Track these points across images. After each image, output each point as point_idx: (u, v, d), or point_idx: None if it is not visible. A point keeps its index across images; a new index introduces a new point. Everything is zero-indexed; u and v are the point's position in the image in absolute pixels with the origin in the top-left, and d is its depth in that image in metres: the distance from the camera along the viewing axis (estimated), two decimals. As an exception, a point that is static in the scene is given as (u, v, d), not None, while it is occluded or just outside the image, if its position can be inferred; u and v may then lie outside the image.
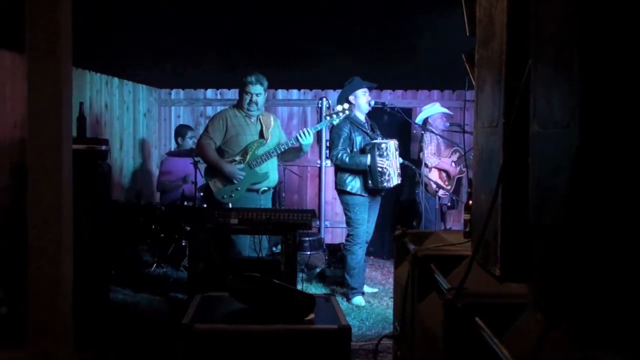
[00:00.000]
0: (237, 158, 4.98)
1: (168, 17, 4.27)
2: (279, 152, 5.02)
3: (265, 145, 5.02)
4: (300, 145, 4.97)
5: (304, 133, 4.93)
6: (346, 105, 5.28)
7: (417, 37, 4.75)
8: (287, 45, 5.26)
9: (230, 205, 4.81)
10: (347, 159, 5.30)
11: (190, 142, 6.86)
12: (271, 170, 5.05)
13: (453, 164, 6.42)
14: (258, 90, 5.02)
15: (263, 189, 5.03)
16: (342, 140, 5.37)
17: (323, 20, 4.38)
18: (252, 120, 5.07)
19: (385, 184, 5.30)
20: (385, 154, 5.28)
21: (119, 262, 6.04)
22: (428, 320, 2.06)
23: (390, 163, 5.30)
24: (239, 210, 4.39)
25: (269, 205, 5.20)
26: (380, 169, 5.25)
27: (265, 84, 5.08)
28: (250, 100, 5.00)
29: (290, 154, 5.18)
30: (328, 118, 5.30)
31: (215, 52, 5.60)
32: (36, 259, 2.70)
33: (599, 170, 1.14)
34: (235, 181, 4.92)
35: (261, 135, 5.05)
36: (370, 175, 5.29)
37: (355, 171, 5.36)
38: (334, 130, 5.45)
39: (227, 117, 5.06)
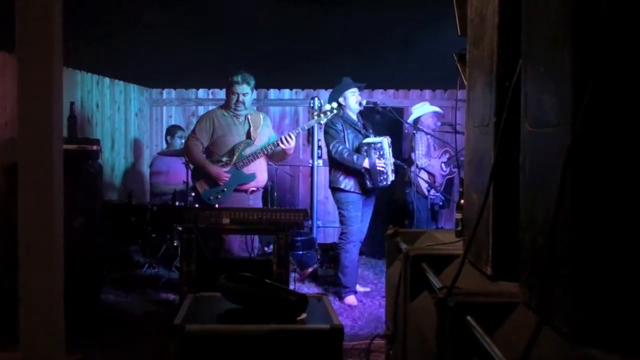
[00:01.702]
0: (224, 159, 4.95)
1: (159, 17, 4.26)
2: (266, 153, 4.98)
3: (252, 146, 4.99)
4: (282, 150, 4.94)
5: (285, 139, 4.89)
6: (335, 104, 5.26)
7: (408, 36, 4.76)
8: (279, 45, 5.25)
9: (217, 206, 4.79)
10: (346, 155, 5.31)
11: (178, 142, 6.86)
12: (259, 171, 5.02)
13: (443, 164, 6.43)
14: (245, 90, 4.97)
15: (252, 189, 5.02)
16: (338, 134, 5.38)
17: (315, 20, 4.37)
18: (240, 120, 5.03)
19: (383, 182, 5.34)
20: (381, 153, 5.31)
21: (110, 263, 6.02)
22: (420, 319, 2.07)
23: (387, 162, 5.33)
24: (231, 210, 4.38)
25: (259, 205, 5.18)
26: (380, 169, 5.28)
27: (252, 82, 5.01)
28: (237, 100, 4.96)
29: (276, 156, 5.16)
30: (316, 117, 5.25)
31: (206, 52, 5.59)
32: (26, 259, 2.69)
33: (589, 169, 1.14)
34: (221, 183, 4.91)
35: (248, 135, 5.01)
36: (369, 176, 5.31)
37: (349, 169, 5.37)
38: (327, 126, 5.45)
39: (214, 118, 5.02)
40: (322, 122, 5.26)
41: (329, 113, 5.19)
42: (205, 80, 7.87)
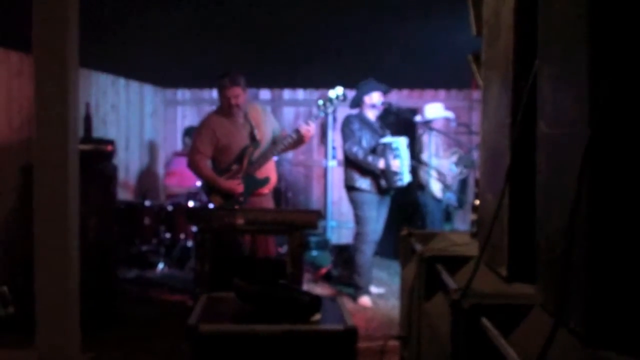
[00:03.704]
0: (233, 167, 4.73)
1: (174, 16, 4.28)
2: (277, 151, 4.79)
3: (260, 147, 4.75)
4: (299, 138, 4.70)
5: (307, 124, 4.67)
6: (340, 90, 4.83)
7: (423, 36, 4.74)
8: (294, 45, 5.25)
9: None
10: (361, 157, 5.30)
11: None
12: (270, 171, 4.85)
13: (453, 165, 6.40)
14: (236, 92, 4.67)
15: (266, 191, 4.97)
16: (354, 133, 5.38)
17: (329, 19, 4.37)
18: (240, 122, 4.77)
19: (399, 182, 5.32)
20: (397, 154, 5.29)
21: (124, 263, 6.06)
22: (434, 320, 2.06)
23: (402, 162, 5.31)
24: (245, 210, 4.37)
25: (271, 205, 5.11)
26: (395, 170, 5.26)
27: (243, 82, 4.70)
28: (230, 104, 4.68)
29: (290, 148, 4.94)
30: (323, 107, 4.81)
31: (221, 51, 5.60)
32: (42, 259, 2.71)
33: (606, 169, 1.13)
34: (235, 194, 4.73)
35: (252, 137, 4.76)
36: (384, 177, 5.30)
37: (364, 169, 5.37)
38: (343, 124, 5.48)
39: (214, 127, 4.74)
40: (330, 110, 4.89)
41: (335, 100, 4.82)
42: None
